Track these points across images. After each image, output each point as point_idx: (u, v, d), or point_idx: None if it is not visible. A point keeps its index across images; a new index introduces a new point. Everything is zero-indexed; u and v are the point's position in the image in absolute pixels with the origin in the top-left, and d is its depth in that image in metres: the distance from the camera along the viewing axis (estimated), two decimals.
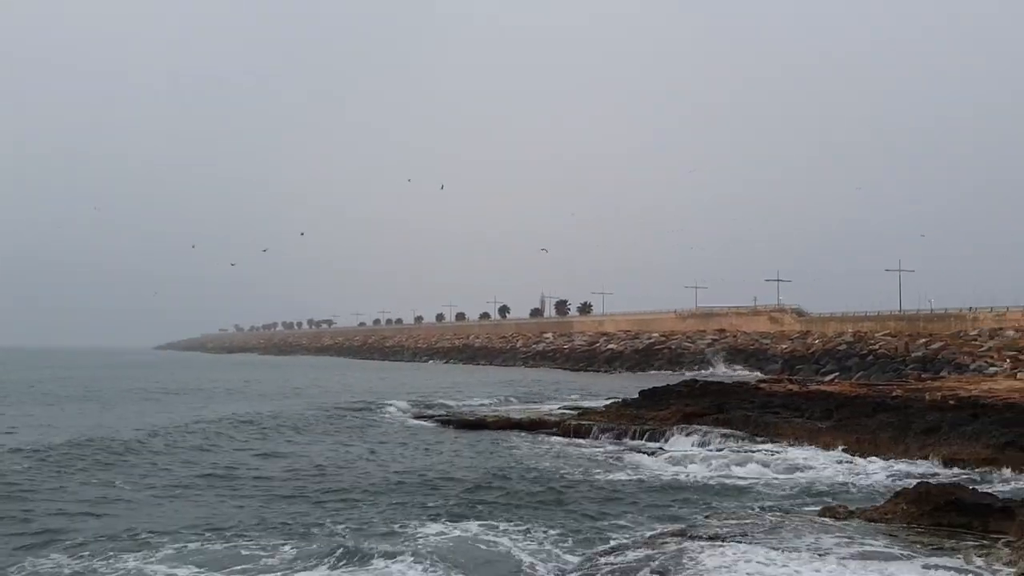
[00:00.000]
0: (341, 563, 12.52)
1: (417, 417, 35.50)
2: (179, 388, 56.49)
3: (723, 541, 12.97)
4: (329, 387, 59.10)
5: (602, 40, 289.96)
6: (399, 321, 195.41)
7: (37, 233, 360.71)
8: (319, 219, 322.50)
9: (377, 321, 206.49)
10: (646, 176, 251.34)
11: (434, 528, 14.89)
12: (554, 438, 29.23)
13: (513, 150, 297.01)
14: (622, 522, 15.67)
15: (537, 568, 12.75)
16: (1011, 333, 68.85)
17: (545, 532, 14.79)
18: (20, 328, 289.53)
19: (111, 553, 12.89)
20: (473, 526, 15.14)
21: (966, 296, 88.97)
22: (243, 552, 13.11)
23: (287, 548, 13.31)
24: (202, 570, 12.21)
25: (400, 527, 14.97)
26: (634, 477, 20.75)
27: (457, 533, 14.62)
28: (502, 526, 15.19)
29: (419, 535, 14.35)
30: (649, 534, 14.29)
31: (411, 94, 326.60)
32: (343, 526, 15.02)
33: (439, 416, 35.35)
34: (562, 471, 21.64)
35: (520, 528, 15.06)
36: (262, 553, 13.04)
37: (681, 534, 13.73)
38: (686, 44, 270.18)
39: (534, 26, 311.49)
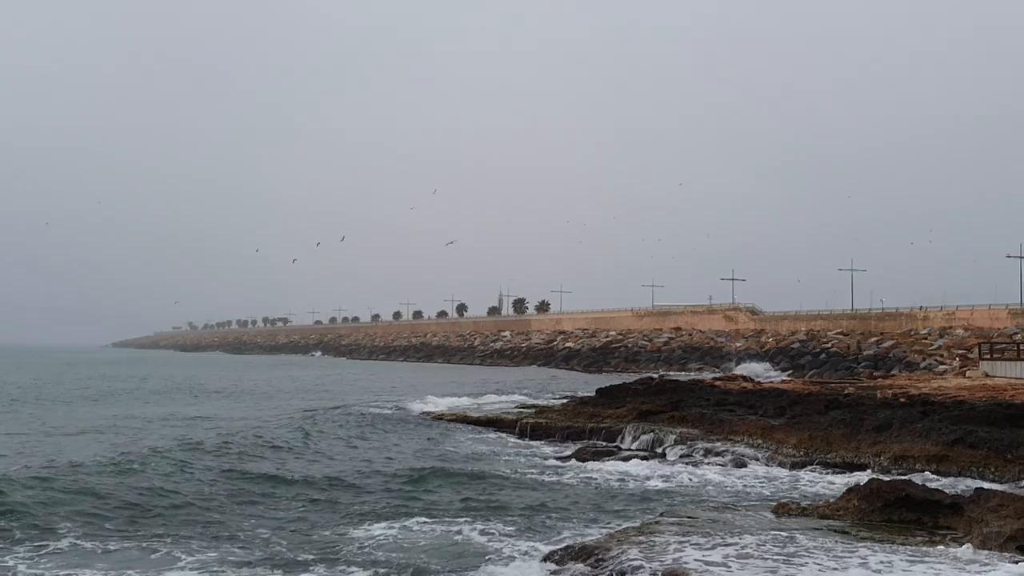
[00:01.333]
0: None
1: (374, 415, 35.19)
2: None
3: (678, 536, 12.99)
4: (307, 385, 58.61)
5: (577, 49, 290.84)
6: (356, 319, 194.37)
7: None
8: (276, 215, 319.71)
9: (333, 319, 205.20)
10: (605, 178, 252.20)
11: (382, 524, 14.94)
12: (511, 437, 29.17)
13: (476, 150, 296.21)
14: (574, 520, 15.65)
15: (503, 552, 12.88)
16: (961, 332, 70.16)
17: (500, 527, 14.75)
18: None
19: None
20: (422, 521, 15.15)
21: (917, 295, 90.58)
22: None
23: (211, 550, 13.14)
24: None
25: (348, 524, 14.99)
26: (589, 475, 20.76)
27: (406, 527, 14.67)
28: (457, 521, 15.19)
29: (366, 532, 14.38)
30: (604, 531, 14.27)
31: (372, 94, 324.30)
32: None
33: (394, 414, 35.12)
34: (516, 468, 21.61)
35: (471, 523, 15.02)
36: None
37: (638, 531, 13.73)
38: (660, 57, 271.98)
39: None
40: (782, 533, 13.05)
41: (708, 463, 22.11)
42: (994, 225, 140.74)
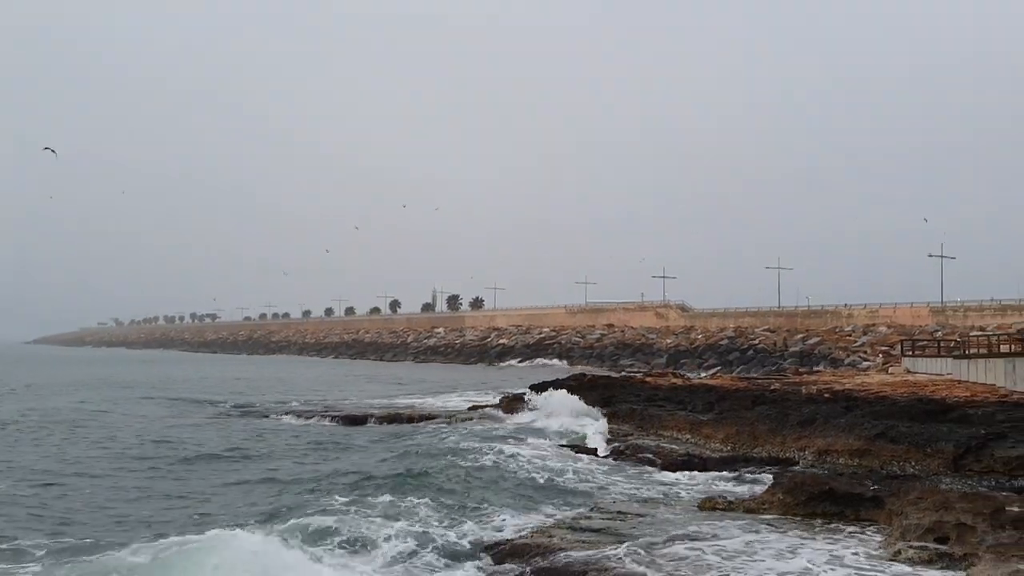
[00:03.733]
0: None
1: (301, 415, 34.65)
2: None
3: (608, 531, 13.08)
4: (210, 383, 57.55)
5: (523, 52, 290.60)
6: (286, 316, 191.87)
7: None
8: (210, 207, 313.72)
9: (263, 316, 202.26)
10: (535, 176, 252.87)
11: (318, 519, 14.72)
12: (445, 433, 29.02)
13: (413, 148, 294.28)
14: (505, 514, 15.62)
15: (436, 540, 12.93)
16: (884, 329, 72.01)
17: (436, 526, 14.66)
18: None
19: None
20: (353, 516, 14.99)
21: (842, 293, 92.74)
22: None
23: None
24: None
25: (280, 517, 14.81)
26: (518, 469, 20.73)
27: (339, 519, 14.49)
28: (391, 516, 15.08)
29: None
30: (534, 524, 14.26)
31: (319, 95, 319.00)
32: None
33: (323, 413, 34.72)
34: (450, 466, 21.48)
35: (408, 521, 14.92)
36: None
37: (568, 527, 13.78)
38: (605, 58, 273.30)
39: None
40: (705, 527, 13.25)
41: (638, 458, 22.26)
42: (917, 225, 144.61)
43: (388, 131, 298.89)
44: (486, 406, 34.65)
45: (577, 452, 23.42)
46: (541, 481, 18.64)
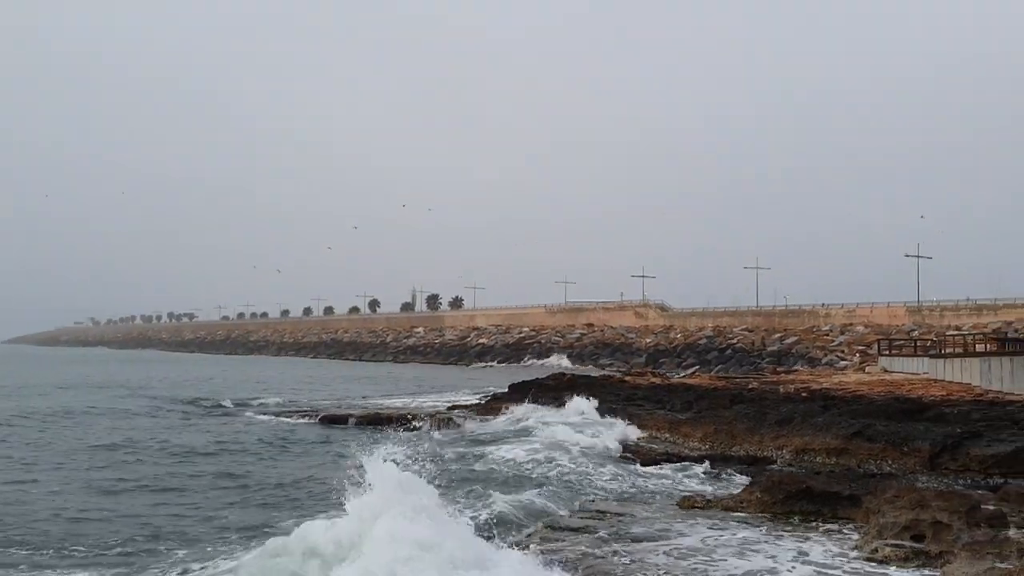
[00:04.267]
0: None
1: (280, 414, 34.51)
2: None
3: (586, 530, 13.10)
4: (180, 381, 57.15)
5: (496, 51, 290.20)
6: (264, 315, 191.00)
7: None
8: (187, 206, 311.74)
9: (241, 315, 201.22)
10: (516, 175, 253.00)
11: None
12: (424, 432, 28.96)
13: (384, 145, 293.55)
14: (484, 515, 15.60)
15: None
16: (861, 329, 72.57)
17: None
18: None
19: None
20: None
21: (820, 293, 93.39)
22: None
23: None
24: None
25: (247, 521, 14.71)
26: (497, 469, 20.72)
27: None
28: None
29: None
30: (524, 531, 14.26)
31: (289, 92, 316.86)
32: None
33: (302, 411, 34.59)
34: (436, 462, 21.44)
35: None
36: None
37: (548, 526, 13.79)
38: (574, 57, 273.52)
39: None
40: (682, 525, 13.30)
41: (614, 458, 22.26)
42: (894, 225, 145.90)
43: (360, 126, 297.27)
44: (466, 406, 34.65)
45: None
46: (521, 478, 18.65)
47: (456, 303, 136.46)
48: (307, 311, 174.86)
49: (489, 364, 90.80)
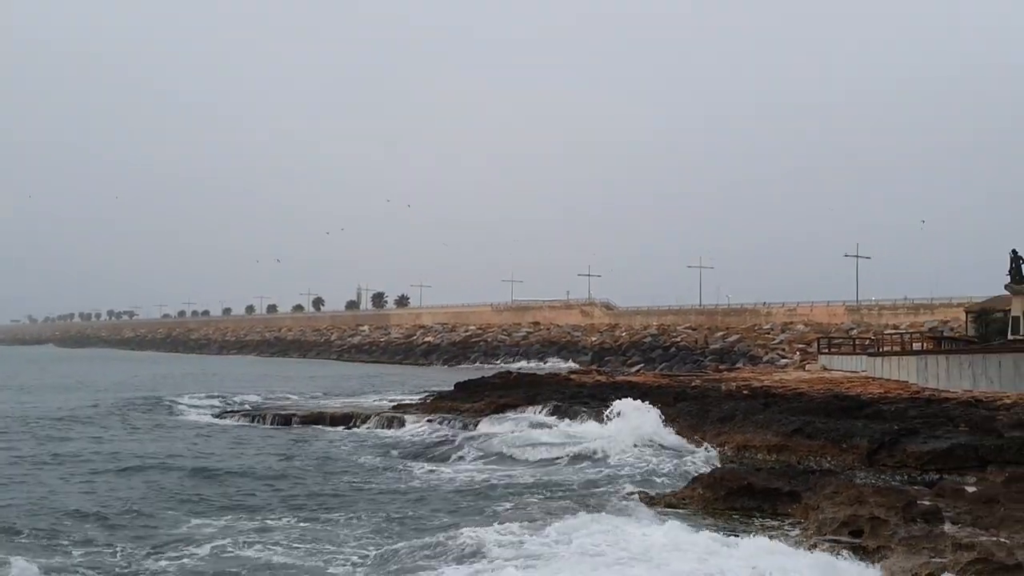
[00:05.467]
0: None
1: (220, 415, 33.96)
2: None
3: (527, 530, 13.06)
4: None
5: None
6: (206, 313, 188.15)
7: None
8: (125, 204, 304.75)
9: (182, 313, 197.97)
10: (458, 174, 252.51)
11: (221, 520, 14.55)
12: (368, 432, 28.74)
13: (333, 143, 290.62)
14: (426, 517, 15.50)
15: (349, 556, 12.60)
16: (801, 327, 73.73)
17: (348, 527, 14.47)
18: None
19: None
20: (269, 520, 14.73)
21: (761, 291, 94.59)
22: None
23: None
24: None
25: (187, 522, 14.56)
26: (439, 470, 20.63)
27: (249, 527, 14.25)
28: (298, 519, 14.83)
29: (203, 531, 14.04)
30: (461, 529, 14.19)
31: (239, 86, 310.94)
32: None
33: (244, 411, 34.12)
34: (366, 466, 21.27)
35: (318, 521, 14.73)
36: None
37: (482, 526, 13.73)
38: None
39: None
40: (630, 522, 13.34)
41: (561, 456, 22.26)
42: (834, 227, 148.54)
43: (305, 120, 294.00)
44: (411, 405, 34.45)
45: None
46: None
47: (402, 301, 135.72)
48: (250, 309, 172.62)
49: (435, 364, 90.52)
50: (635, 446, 21.95)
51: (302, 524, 14.57)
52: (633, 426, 23.21)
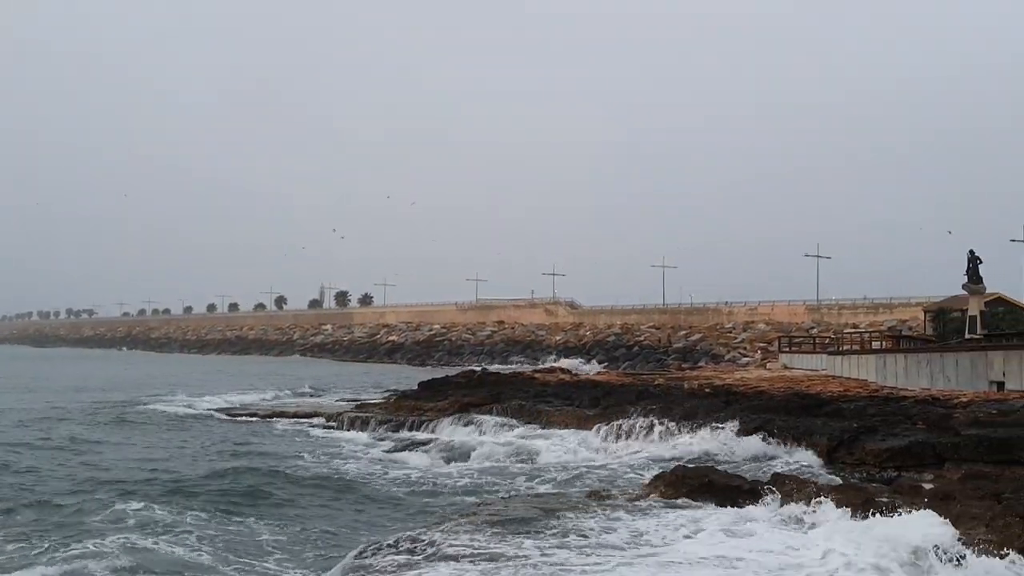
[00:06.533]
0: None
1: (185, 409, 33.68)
2: None
3: (493, 525, 13.04)
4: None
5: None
6: (167, 311, 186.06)
7: None
8: (81, 201, 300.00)
9: (143, 311, 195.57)
10: (427, 169, 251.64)
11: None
12: (330, 432, 28.58)
13: (293, 139, 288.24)
14: (386, 520, 15.45)
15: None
16: (762, 326, 74.44)
17: (297, 528, 14.38)
18: None
19: None
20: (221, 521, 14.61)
21: (723, 291, 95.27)
22: None
23: None
24: None
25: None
26: (402, 472, 20.56)
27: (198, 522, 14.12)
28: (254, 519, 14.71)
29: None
30: (415, 530, 14.13)
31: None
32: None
33: (206, 407, 33.85)
34: (332, 466, 21.15)
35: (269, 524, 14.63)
36: None
37: (455, 524, 13.69)
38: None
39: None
40: (592, 519, 13.40)
41: (526, 455, 22.29)
42: (796, 227, 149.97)
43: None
44: (373, 405, 34.34)
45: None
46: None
47: (366, 300, 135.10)
48: (211, 308, 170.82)
49: (399, 362, 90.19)
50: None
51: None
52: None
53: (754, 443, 20.19)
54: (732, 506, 14.05)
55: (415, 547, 11.75)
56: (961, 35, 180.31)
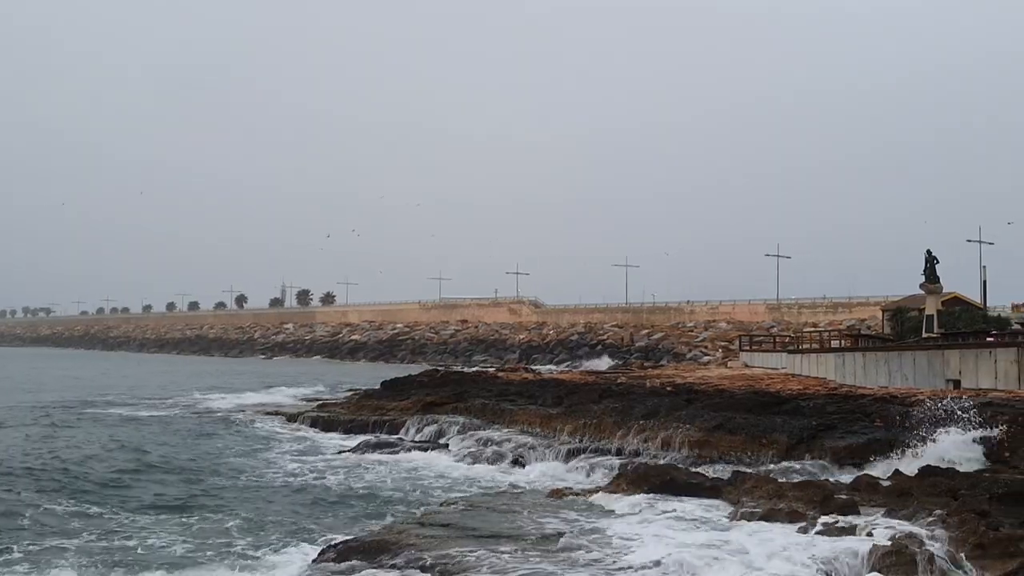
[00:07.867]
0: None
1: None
2: None
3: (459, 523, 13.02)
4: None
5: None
6: (125, 310, 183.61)
7: None
8: (37, 196, 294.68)
9: (101, 310, 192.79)
10: (390, 167, 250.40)
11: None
12: (289, 431, 28.36)
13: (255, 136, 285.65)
14: (345, 520, 15.36)
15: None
16: (724, 325, 75.09)
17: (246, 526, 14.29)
18: None
19: None
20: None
21: (685, 290, 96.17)
22: None
23: None
24: None
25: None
26: (370, 469, 20.47)
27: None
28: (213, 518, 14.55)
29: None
30: (385, 522, 14.09)
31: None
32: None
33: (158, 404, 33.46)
34: (290, 467, 20.98)
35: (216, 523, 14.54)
36: None
37: (418, 522, 13.65)
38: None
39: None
40: (556, 518, 13.40)
41: (489, 452, 22.29)
42: (757, 228, 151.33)
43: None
44: (335, 404, 34.11)
45: (428, 451, 23.33)
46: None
47: (328, 299, 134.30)
48: (171, 306, 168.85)
49: (361, 361, 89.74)
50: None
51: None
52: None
53: None
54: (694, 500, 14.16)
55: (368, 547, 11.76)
56: (909, 40, 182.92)
